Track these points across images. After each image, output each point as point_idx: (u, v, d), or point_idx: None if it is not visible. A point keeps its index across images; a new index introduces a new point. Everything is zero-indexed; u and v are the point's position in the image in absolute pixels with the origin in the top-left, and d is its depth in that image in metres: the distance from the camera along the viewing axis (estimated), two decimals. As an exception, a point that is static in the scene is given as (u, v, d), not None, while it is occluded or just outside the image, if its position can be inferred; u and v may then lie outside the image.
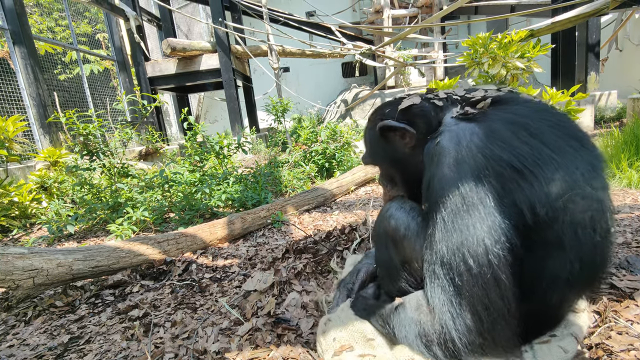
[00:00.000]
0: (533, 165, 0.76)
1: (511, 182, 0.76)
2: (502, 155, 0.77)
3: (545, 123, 0.83)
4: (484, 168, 0.77)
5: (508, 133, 0.80)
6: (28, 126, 4.75)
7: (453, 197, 0.78)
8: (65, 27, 8.58)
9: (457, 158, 0.81)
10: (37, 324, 1.55)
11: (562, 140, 0.81)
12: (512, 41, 2.89)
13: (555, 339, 0.95)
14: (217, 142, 3.59)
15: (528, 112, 0.86)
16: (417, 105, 1.06)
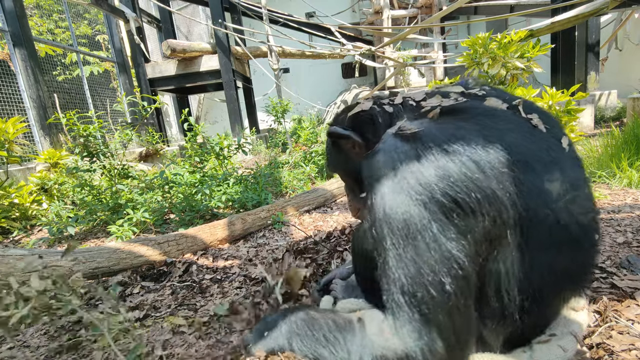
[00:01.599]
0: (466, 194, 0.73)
1: (451, 210, 0.73)
2: (436, 184, 0.73)
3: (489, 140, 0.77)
4: (423, 195, 0.74)
5: (442, 158, 0.75)
6: (28, 128, 4.75)
7: (398, 225, 0.75)
8: (65, 29, 8.59)
9: (396, 185, 0.77)
10: (38, 325, 1.55)
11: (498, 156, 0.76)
12: (512, 41, 2.89)
13: (555, 338, 0.94)
14: (217, 143, 3.59)
15: (472, 129, 0.80)
16: (365, 112, 1.01)
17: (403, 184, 0.76)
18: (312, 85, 12.71)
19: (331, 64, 12.37)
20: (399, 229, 0.75)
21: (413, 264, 0.74)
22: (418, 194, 0.74)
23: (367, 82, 12.31)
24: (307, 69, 12.66)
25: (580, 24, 5.81)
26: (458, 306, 0.74)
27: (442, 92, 0.98)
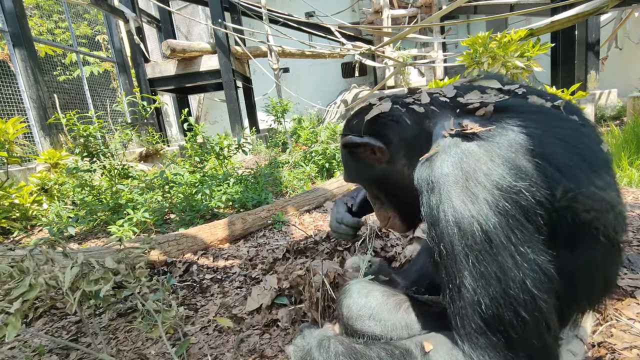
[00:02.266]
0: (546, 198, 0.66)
1: (534, 216, 0.66)
2: (517, 188, 0.65)
3: (561, 142, 0.72)
4: (503, 202, 0.65)
5: (518, 159, 0.68)
6: (28, 128, 4.75)
7: (476, 239, 0.66)
8: (65, 29, 8.59)
9: (468, 192, 0.68)
10: (38, 325, 1.55)
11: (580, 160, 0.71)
12: (512, 40, 2.89)
13: (563, 342, 0.95)
14: (217, 143, 3.59)
15: (540, 129, 0.73)
16: (386, 114, 0.90)
17: (477, 191, 0.67)
18: (312, 85, 12.71)
19: (331, 64, 12.37)
20: (477, 243, 0.65)
21: (497, 282, 0.64)
22: (497, 202, 0.65)
23: (367, 81, 12.30)
24: (307, 69, 12.65)
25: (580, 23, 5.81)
26: (549, 324, 0.65)
27: (479, 88, 0.88)
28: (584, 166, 0.70)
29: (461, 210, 0.67)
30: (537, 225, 0.65)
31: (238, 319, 1.40)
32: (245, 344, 1.23)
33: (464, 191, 0.68)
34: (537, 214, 0.65)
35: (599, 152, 0.75)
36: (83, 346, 1.27)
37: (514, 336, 0.64)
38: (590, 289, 0.78)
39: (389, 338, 0.87)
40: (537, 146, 0.68)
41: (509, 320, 0.64)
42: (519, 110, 0.77)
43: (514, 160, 0.67)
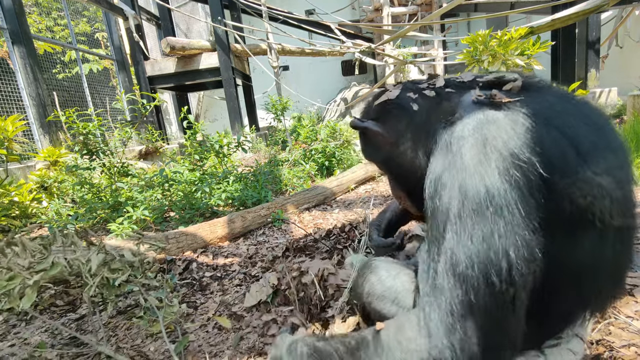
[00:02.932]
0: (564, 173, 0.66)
1: (538, 192, 0.65)
2: (534, 159, 0.65)
3: (583, 121, 0.72)
4: (516, 171, 0.64)
5: (545, 133, 0.68)
6: (27, 126, 4.74)
7: (476, 197, 0.64)
8: (64, 27, 8.57)
9: (484, 153, 0.67)
10: (38, 323, 1.55)
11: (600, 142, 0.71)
12: (512, 38, 2.89)
13: (563, 341, 0.95)
14: (217, 141, 3.58)
15: (565, 107, 0.73)
16: (392, 100, 0.92)
17: (492, 156, 0.66)
18: (312, 83, 12.68)
19: (331, 62, 12.34)
20: (477, 203, 0.64)
21: (482, 245, 0.63)
22: (509, 170, 0.64)
23: (367, 79, 12.28)
24: (307, 67, 12.63)
25: (580, 21, 5.80)
26: (516, 298, 0.63)
27: (498, 75, 0.87)
28: (605, 152, 0.69)
29: (471, 169, 0.66)
30: (538, 204, 0.65)
31: (237, 316, 1.40)
32: (245, 341, 1.24)
33: (479, 154, 0.67)
34: (542, 192, 0.64)
35: (615, 138, 0.75)
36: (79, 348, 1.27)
37: (474, 302, 0.62)
38: (594, 284, 0.76)
39: None
40: (560, 125, 0.68)
41: (475, 283, 0.62)
42: (543, 91, 0.78)
43: (535, 134, 0.67)
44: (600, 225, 0.69)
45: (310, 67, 12.60)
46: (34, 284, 0.94)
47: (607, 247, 0.72)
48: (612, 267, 0.75)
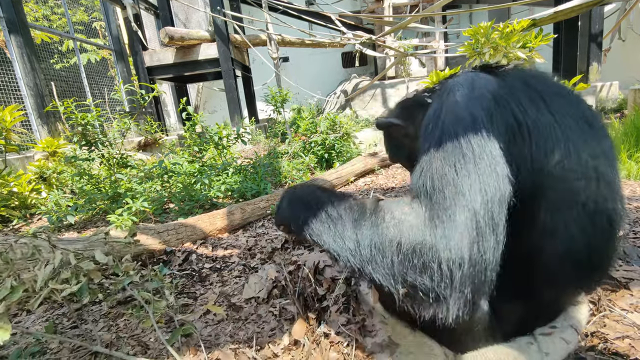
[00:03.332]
0: (535, 128, 0.77)
1: (513, 137, 0.76)
2: (513, 107, 0.78)
3: (562, 98, 0.83)
4: (496, 112, 0.76)
5: (523, 93, 0.80)
6: (25, 116, 4.71)
7: (463, 121, 0.74)
8: (61, 15, 8.46)
9: (471, 94, 0.79)
10: (39, 312, 1.57)
11: (574, 117, 0.81)
12: (514, 31, 2.86)
13: (557, 330, 0.96)
14: (216, 133, 3.57)
15: (545, 84, 0.85)
16: (410, 99, 1.08)
17: (479, 96, 0.78)
18: (312, 74, 12.59)
19: (331, 53, 12.23)
20: (461, 123, 0.73)
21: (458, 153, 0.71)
22: (491, 109, 0.76)
23: (368, 71, 12.19)
24: (307, 58, 12.52)
25: (583, 14, 5.74)
26: (493, 217, 0.67)
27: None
28: (577, 135, 0.79)
29: (460, 100, 0.78)
30: (508, 145, 0.75)
31: (237, 307, 1.41)
32: (243, 332, 1.25)
33: (468, 93, 0.79)
34: (513, 140, 0.76)
35: (597, 128, 0.84)
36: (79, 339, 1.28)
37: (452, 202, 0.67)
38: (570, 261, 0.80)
39: None
40: (543, 100, 0.80)
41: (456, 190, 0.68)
42: (532, 72, 0.90)
43: (517, 94, 0.80)
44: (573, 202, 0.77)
45: (310, 58, 12.49)
46: (1, 315, 0.92)
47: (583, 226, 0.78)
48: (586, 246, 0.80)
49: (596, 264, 0.83)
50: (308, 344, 1.08)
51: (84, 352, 1.20)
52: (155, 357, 1.15)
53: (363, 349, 1.04)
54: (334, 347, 1.04)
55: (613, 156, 0.84)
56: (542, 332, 0.96)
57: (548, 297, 0.86)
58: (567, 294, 0.91)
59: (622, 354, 0.90)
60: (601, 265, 0.85)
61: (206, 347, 1.16)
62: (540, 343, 0.93)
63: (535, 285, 0.83)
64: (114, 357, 1.15)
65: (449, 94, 0.81)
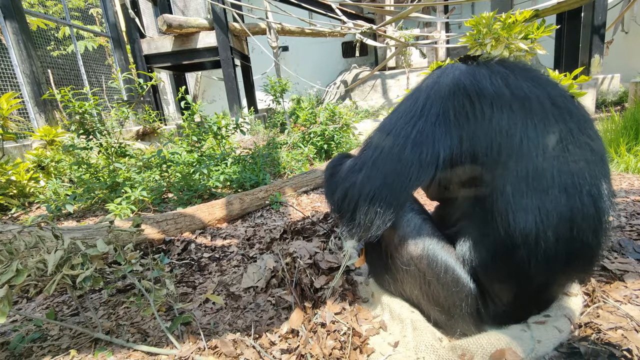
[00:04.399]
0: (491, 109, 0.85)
1: (464, 116, 0.87)
2: (470, 92, 0.87)
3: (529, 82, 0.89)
4: (453, 94, 0.88)
5: (487, 79, 0.88)
6: (23, 104, 4.67)
7: (410, 103, 0.93)
8: (57, 1, 8.31)
9: (434, 81, 0.94)
10: (39, 300, 1.58)
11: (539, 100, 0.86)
12: (516, 21, 2.83)
13: (550, 319, 0.98)
14: (215, 123, 3.55)
15: (519, 72, 0.92)
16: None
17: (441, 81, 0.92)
18: (312, 64, 12.48)
19: (331, 43, 12.10)
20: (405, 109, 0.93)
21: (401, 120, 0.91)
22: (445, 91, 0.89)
23: (368, 62, 12.08)
24: (307, 48, 12.39)
25: (586, 5, 5.67)
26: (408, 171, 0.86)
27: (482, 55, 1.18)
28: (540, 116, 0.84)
29: (421, 88, 0.96)
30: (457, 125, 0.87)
31: (235, 296, 1.43)
32: (242, 320, 1.26)
33: (432, 82, 0.94)
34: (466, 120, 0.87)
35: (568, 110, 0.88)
36: (79, 326, 1.29)
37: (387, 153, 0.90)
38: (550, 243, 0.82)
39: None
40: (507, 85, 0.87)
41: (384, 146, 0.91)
42: (507, 62, 0.97)
43: (481, 81, 0.88)
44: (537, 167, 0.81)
45: (310, 48, 12.36)
46: (2, 298, 0.92)
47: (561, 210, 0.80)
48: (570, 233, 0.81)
49: (583, 247, 0.84)
50: (305, 332, 1.10)
51: (84, 339, 1.22)
52: (154, 344, 1.16)
53: (359, 335, 1.06)
54: (330, 335, 1.06)
55: (587, 133, 0.86)
56: (535, 321, 0.98)
57: (537, 281, 0.87)
58: (557, 280, 0.91)
59: (615, 344, 0.92)
60: (590, 250, 0.85)
61: (205, 335, 1.18)
62: (533, 331, 0.94)
63: (521, 268, 0.84)
64: (114, 344, 1.16)
65: (420, 83, 0.98)
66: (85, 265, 1.08)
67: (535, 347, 0.90)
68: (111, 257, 1.18)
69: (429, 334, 1.00)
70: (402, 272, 1.03)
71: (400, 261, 1.02)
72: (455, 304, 0.95)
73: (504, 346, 0.89)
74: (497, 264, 0.87)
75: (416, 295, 1.04)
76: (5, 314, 0.92)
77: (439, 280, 0.95)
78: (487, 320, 0.96)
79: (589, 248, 0.85)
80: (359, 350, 1.02)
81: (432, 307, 1.01)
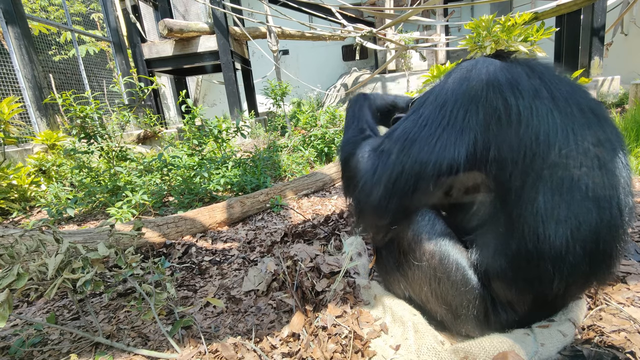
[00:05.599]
0: (527, 112, 0.80)
1: (498, 119, 0.82)
2: (505, 92, 0.82)
3: (566, 86, 0.86)
4: (482, 95, 0.84)
5: (525, 78, 0.83)
6: (24, 108, 4.69)
7: (446, 93, 0.89)
8: (58, 6, 8.36)
9: (462, 77, 0.89)
10: (40, 304, 1.58)
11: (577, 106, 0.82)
12: (516, 24, 2.84)
13: (555, 323, 0.97)
14: (216, 126, 3.56)
15: (550, 72, 0.88)
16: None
17: (473, 76, 0.88)
18: (312, 67, 12.52)
19: (331, 46, 12.15)
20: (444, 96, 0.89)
21: (425, 122, 0.89)
22: (477, 88, 0.85)
23: (368, 65, 12.12)
24: (307, 51, 12.44)
25: (586, 7, 5.69)
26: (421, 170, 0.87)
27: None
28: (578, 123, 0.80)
29: (450, 82, 0.91)
30: (487, 126, 0.83)
31: (236, 300, 1.42)
32: (243, 324, 1.26)
33: (460, 77, 0.90)
34: (497, 122, 0.82)
35: (601, 117, 0.84)
36: (80, 330, 1.29)
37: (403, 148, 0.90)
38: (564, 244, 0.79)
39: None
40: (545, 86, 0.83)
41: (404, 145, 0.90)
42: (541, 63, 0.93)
43: (518, 79, 0.84)
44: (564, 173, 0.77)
45: (311, 51, 12.41)
46: (3, 302, 0.91)
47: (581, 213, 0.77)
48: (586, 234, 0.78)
49: (605, 259, 0.82)
50: (306, 335, 1.09)
51: (85, 343, 1.21)
52: (155, 348, 1.16)
53: (360, 338, 1.05)
54: (331, 339, 1.05)
55: (619, 146, 0.82)
56: (539, 325, 0.97)
57: (556, 292, 0.84)
58: (576, 284, 0.88)
59: (618, 346, 0.91)
60: (610, 260, 0.83)
61: (206, 339, 1.17)
62: (536, 334, 0.94)
63: (544, 279, 0.82)
64: (114, 348, 1.16)
65: (446, 76, 0.93)
66: (86, 269, 1.08)
67: (539, 350, 0.89)
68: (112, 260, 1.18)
69: (430, 336, 1.00)
70: (413, 268, 1.02)
71: (412, 256, 1.01)
72: (462, 304, 0.95)
73: (507, 349, 0.88)
74: (517, 273, 0.84)
75: (425, 293, 1.03)
76: (5, 318, 0.91)
77: (449, 278, 0.94)
78: (494, 325, 0.96)
79: (609, 259, 0.83)
80: (360, 354, 1.01)
81: (440, 306, 1.01)
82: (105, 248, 1.11)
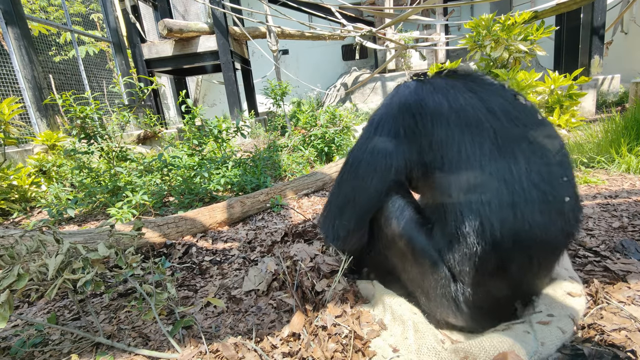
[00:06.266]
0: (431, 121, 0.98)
1: (412, 131, 1.00)
2: (413, 110, 1.00)
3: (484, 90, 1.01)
4: (401, 113, 1.03)
5: (428, 93, 1.01)
6: (24, 109, 4.69)
7: (376, 120, 1.08)
8: (58, 7, 8.36)
9: (388, 102, 1.10)
10: (40, 304, 1.58)
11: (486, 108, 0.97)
12: (516, 23, 2.84)
13: (554, 319, 0.97)
14: (216, 126, 3.56)
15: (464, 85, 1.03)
16: None
17: (395, 99, 1.08)
18: (312, 67, 12.52)
19: (331, 46, 12.15)
20: (371, 124, 1.09)
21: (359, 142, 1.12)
22: (396, 111, 1.05)
23: (368, 64, 12.12)
24: (307, 51, 12.44)
25: (585, 6, 5.69)
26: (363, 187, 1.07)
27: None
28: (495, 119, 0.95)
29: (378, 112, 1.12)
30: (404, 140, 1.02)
31: (237, 300, 1.42)
32: (243, 324, 1.26)
33: (385, 105, 1.11)
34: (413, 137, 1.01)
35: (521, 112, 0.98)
36: (81, 330, 1.29)
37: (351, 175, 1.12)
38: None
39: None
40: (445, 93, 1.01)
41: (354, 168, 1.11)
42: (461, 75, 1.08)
43: (426, 94, 1.02)
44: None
45: (310, 51, 12.41)
46: (3, 303, 0.92)
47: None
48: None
49: (532, 229, 0.88)
50: (306, 335, 1.09)
51: (86, 343, 1.21)
52: (156, 348, 1.16)
53: (360, 338, 1.06)
54: (332, 338, 1.05)
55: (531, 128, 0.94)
56: (539, 321, 0.97)
57: (492, 265, 0.91)
58: (524, 267, 0.94)
59: (619, 345, 0.91)
60: (544, 232, 0.90)
61: (206, 338, 1.17)
62: (536, 332, 0.94)
63: (473, 252, 0.90)
64: (115, 348, 1.16)
65: (381, 102, 1.15)
66: (87, 270, 1.08)
67: (539, 349, 0.89)
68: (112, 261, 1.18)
69: (430, 336, 1.00)
70: (388, 252, 1.12)
71: (385, 241, 1.10)
72: (432, 286, 1.01)
73: (507, 349, 0.88)
74: (455, 250, 0.95)
75: (404, 278, 1.12)
76: (6, 318, 0.91)
77: (417, 261, 1.02)
78: (463, 309, 0.99)
79: (541, 230, 0.89)
80: (360, 353, 1.01)
81: (416, 289, 1.09)
82: (105, 248, 1.11)
